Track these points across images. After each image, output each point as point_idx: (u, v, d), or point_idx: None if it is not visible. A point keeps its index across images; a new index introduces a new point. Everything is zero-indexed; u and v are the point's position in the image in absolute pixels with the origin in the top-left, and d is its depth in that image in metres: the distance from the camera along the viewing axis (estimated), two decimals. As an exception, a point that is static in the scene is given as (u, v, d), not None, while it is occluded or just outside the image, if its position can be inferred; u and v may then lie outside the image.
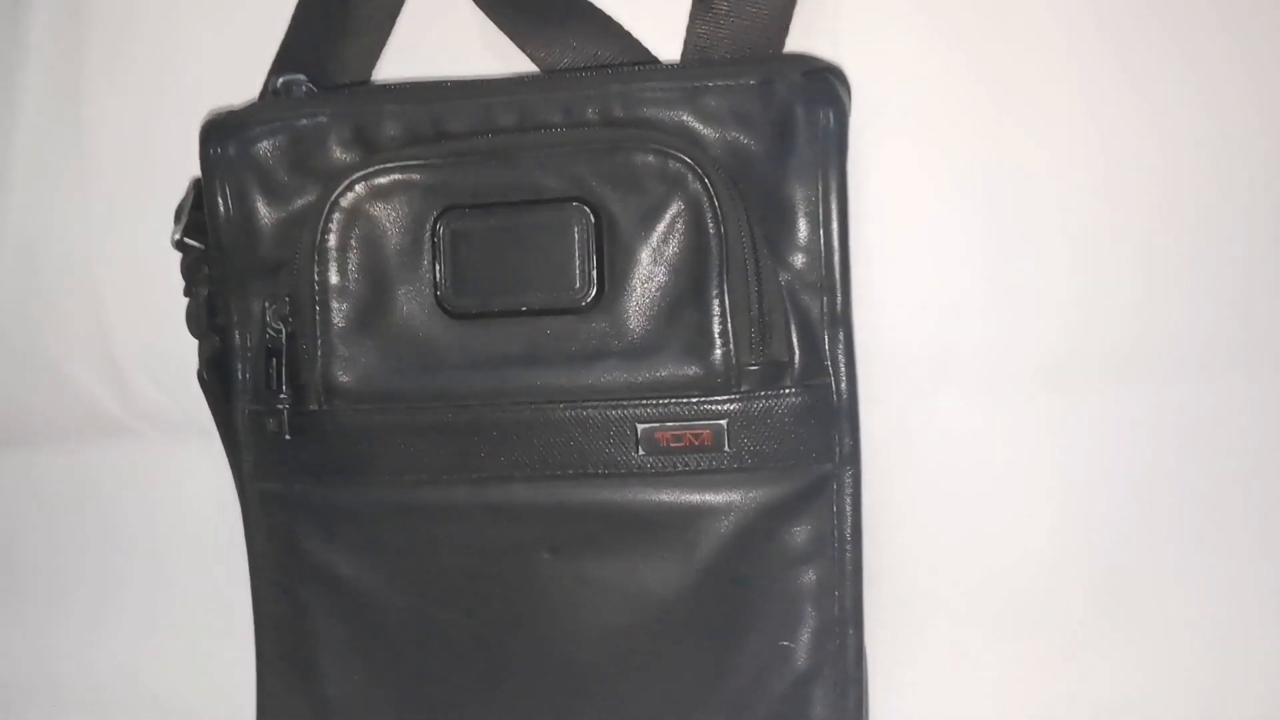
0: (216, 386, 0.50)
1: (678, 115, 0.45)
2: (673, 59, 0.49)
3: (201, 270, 0.50)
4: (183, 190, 0.52)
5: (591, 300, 0.46)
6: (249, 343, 0.50)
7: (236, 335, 0.50)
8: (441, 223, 0.47)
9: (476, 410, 0.47)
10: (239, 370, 0.50)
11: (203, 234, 0.50)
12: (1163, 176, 0.47)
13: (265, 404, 0.48)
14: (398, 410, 0.47)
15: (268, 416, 0.48)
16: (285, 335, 0.48)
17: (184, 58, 0.55)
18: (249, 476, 0.50)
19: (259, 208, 0.49)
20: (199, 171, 0.49)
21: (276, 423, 0.48)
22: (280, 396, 0.48)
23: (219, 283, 0.50)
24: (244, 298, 0.49)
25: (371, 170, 0.47)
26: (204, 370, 0.50)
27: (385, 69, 0.53)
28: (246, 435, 0.50)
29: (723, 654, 0.47)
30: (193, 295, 0.51)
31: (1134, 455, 0.50)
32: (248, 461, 0.50)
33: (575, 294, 0.46)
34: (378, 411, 0.48)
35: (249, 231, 0.49)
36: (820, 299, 0.45)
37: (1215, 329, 0.48)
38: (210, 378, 0.50)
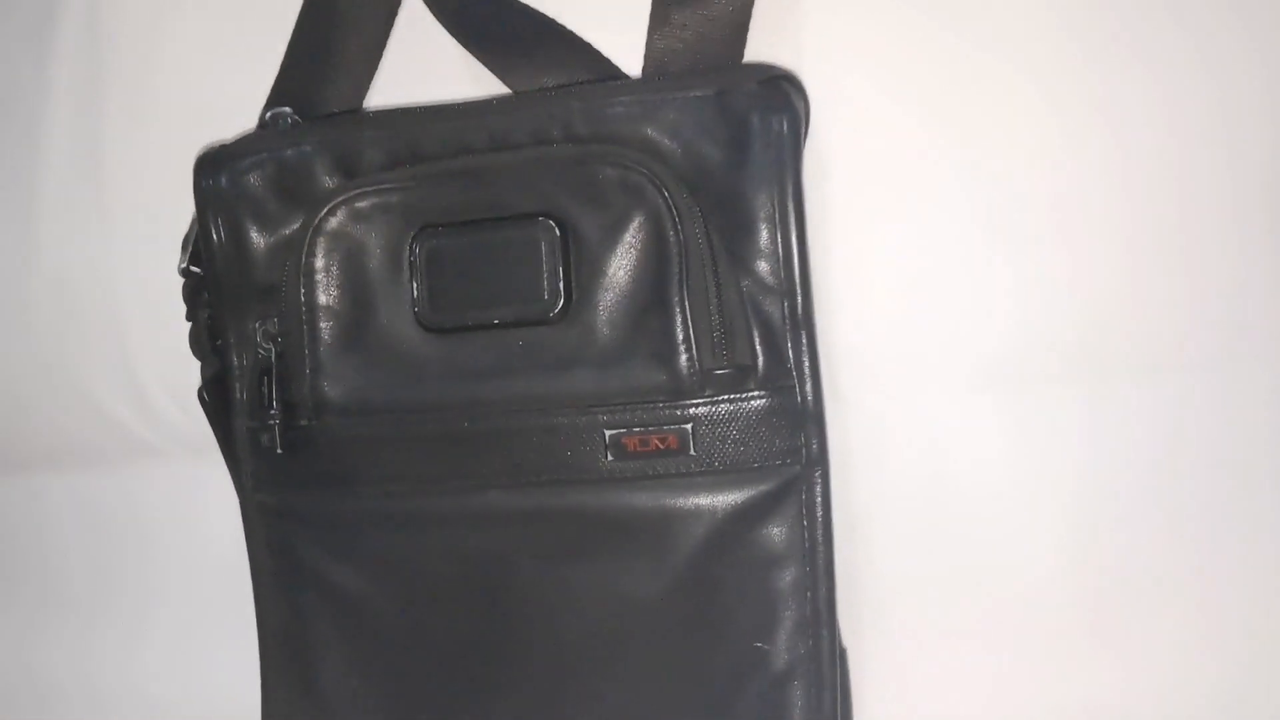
0: (217, 405, 0.53)
1: (639, 129, 0.46)
2: (638, 73, 0.50)
3: (201, 295, 0.53)
4: (194, 223, 0.55)
5: (559, 311, 0.47)
6: (244, 362, 0.52)
7: (234, 356, 0.52)
8: (418, 242, 0.48)
9: (455, 421, 0.48)
10: (236, 389, 0.52)
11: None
12: (1135, 173, 0.47)
13: (259, 420, 0.51)
14: (382, 423, 0.49)
15: (262, 432, 0.50)
16: (275, 354, 0.50)
17: (197, 100, 0.58)
18: (248, 490, 0.52)
19: (250, 235, 0.51)
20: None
21: (269, 438, 0.50)
22: (271, 413, 0.50)
23: (216, 306, 0.52)
24: (240, 320, 0.52)
25: (351, 194, 0.49)
26: (205, 390, 0.53)
27: (375, 97, 0.55)
28: (244, 451, 0.52)
29: (699, 656, 0.47)
30: (194, 319, 0.53)
31: (1108, 452, 0.49)
32: (246, 476, 0.52)
33: (544, 305, 0.47)
34: (363, 425, 0.49)
35: (241, 257, 0.51)
36: (781, 303, 0.46)
37: (1189, 326, 0.47)
38: (211, 397, 0.53)
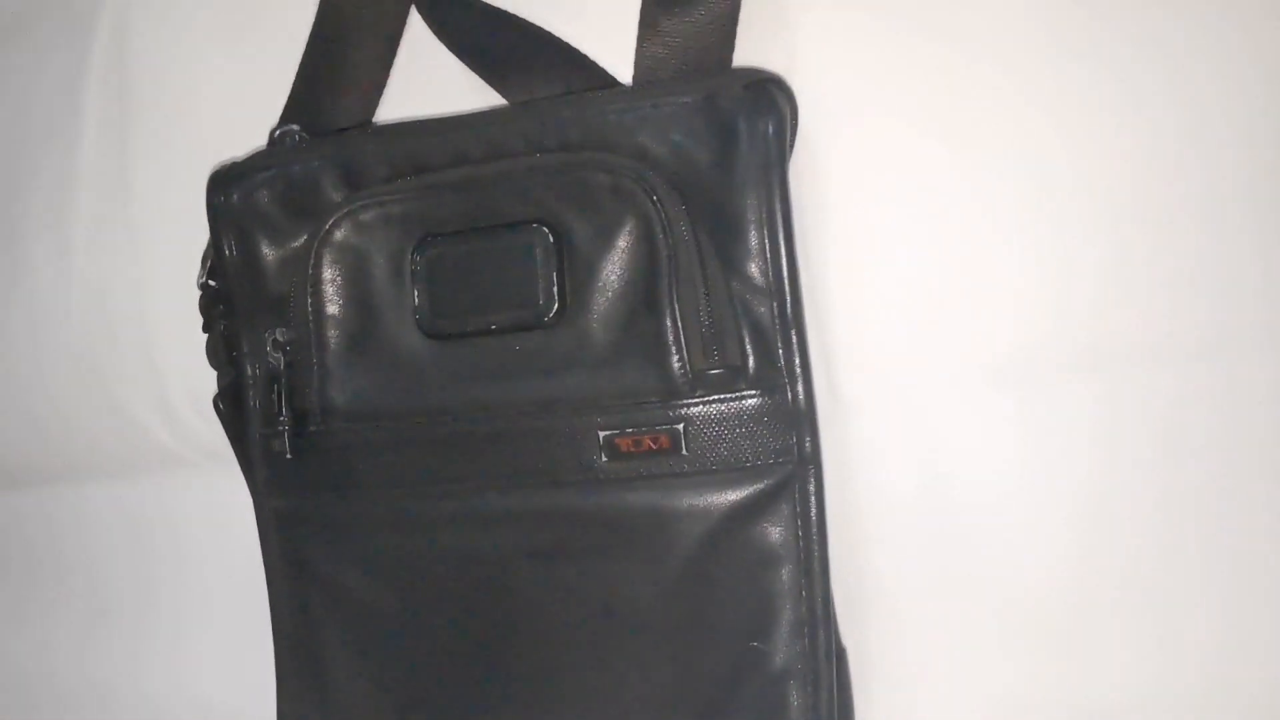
0: (232, 414, 0.54)
1: (630, 136, 0.47)
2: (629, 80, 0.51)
3: (218, 307, 0.55)
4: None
5: (554, 315, 0.48)
6: (257, 372, 0.53)
7: (248, 366, 0.53)
8: (419, 251, 0.50)
9: (454, 425, 0.50)
10: (250, 398, 0.54)
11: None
12: (1129, 168, 0.47)
13: (271, 427, 0.52)
14: (386, 427, 0.51)
15: (273, 439, 0.52)
16: (284, 362, 0.52)
17: (219, 122, 0.60)
18: (262, 495, 0.54)
19: (261, 248, 0.53)
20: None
21: (280, 444, 0.52)
22: (281, 419, 0.52)
23: (231, 318, 0.54)
24: (253, 331, 0.53)
25: (354, 207, 0.50)
26: (219, 400, 0.54)
27: (383, 113, 0.57)
28: (258, 457, 0.54)
29: (696, 655, 0.48)
30: (211, 331, 0.55)
31: (1108, 451, 0.48)
32: (260, 481, 0.54)
33: (539, 310, 0.48)
34: (367, 429, 0.51)
35: (253, 270, 0.53)
36: (771, 304, 0.46)
37: (1185, 321, 0.47)
38: (226, 406, 0.54)
